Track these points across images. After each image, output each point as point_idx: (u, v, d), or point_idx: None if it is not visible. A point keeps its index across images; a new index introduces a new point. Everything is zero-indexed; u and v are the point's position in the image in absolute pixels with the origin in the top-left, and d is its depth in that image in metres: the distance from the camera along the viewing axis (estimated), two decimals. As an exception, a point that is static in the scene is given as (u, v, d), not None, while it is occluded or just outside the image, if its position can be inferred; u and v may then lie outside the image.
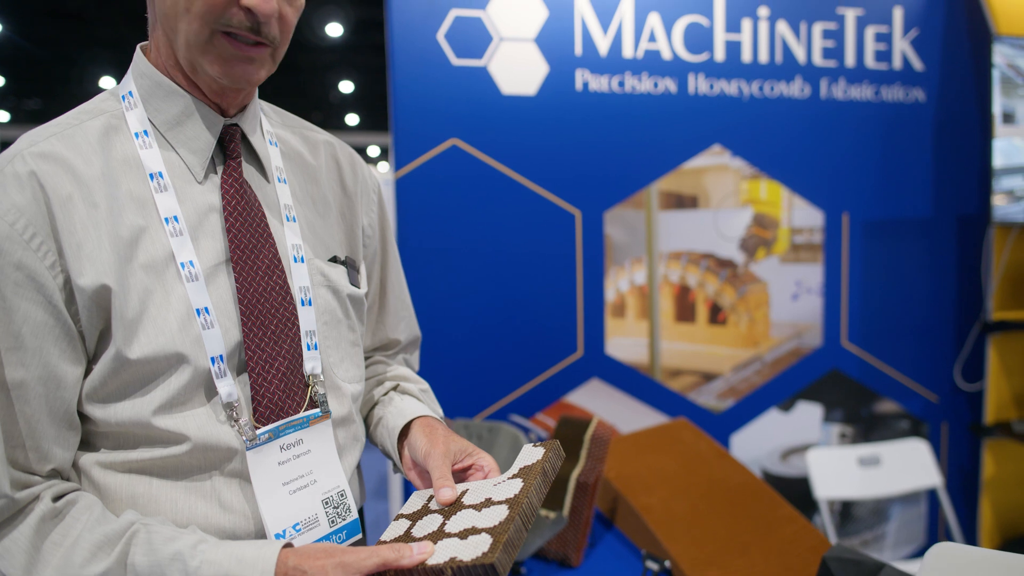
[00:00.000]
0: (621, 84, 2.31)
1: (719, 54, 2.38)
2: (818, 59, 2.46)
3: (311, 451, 0.92)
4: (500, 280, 2.27)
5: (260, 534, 0.88)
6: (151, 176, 0.86)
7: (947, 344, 2.69)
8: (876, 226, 2.57)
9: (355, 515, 0.96)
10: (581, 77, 2.28)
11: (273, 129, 1.03)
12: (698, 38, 2.36)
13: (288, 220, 0.96)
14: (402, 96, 2.15)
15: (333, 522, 0.93)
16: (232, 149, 0.93)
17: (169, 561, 0.77)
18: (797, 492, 2.52)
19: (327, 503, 0.93)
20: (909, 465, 2.45)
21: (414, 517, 0.87)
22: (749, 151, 2.44)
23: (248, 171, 0.96)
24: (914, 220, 2.60)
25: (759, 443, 2.54)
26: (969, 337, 2.68)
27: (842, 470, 2.39)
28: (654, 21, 2.32)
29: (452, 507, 0.86)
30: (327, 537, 0.91)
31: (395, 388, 1.15)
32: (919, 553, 2.73)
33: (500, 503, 0.82)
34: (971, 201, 2.65)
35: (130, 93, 0.90)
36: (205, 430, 0.85)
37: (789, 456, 2.57)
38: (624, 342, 2.40)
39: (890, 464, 2.43)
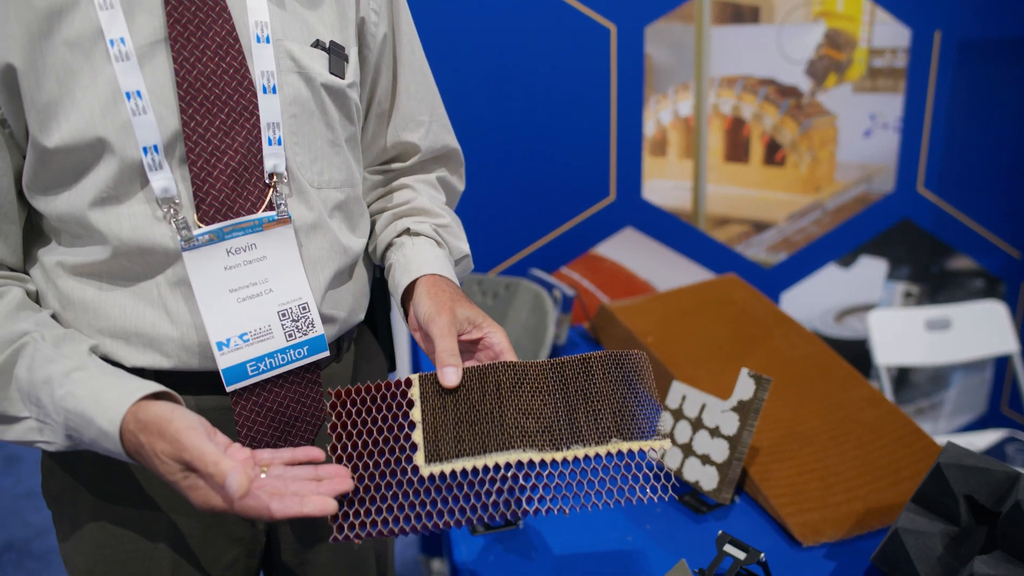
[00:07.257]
0: None
1: None
2: None
3: (266, 257, 0.84)
4: (519, 108, 1.92)
5: (205, 345, 0.82)
6: None
7: (1039, 192, 2.32)
8: (973, 47, 2.13)
9: (320, 331, 0.88)
10: None
11: None
12: None
13: None
14: None
15: (291, 336, 0.86)
16: None
17: (42, 384, 0.76)
18: (850, 356, 2.24)
19: (284, 315, 0.86)
20: (983, 329, 2.16)
21: None
22: (828, -51, 1.98)
23: None
24: (1021, 41, 2.16)
25: (813, 302, 2.25)
26: (1066, 184, 2.30)
27: (907, 334, 2.11)
28: None
29: None
30: (283, 351, 0.86)
31: (407, 231, 1.00)
32: (977, 423, 2.49)
33: None
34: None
35: None
36: (141, 230, 0.79)
37: (845, 317, 2.28)
38: (664, 185, 2.07)
39: (961, 328, 2.14)
